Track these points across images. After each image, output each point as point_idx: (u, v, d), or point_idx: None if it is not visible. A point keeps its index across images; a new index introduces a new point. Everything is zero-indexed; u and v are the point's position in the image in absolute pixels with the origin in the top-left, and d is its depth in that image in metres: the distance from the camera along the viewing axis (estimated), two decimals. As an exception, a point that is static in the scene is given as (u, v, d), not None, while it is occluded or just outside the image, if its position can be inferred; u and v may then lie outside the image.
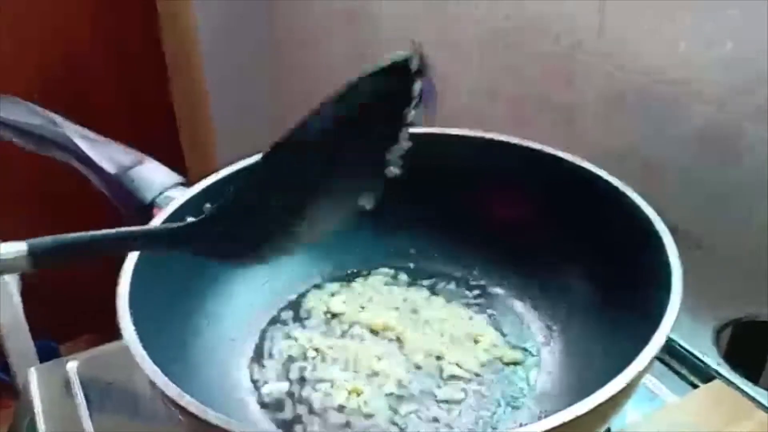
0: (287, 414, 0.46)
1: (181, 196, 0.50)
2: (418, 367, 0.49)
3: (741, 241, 0.57)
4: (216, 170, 0.52)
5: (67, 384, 0.53)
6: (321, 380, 0.49)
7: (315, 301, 0.55)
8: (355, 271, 0.58)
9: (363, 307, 0.54)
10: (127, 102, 1.35)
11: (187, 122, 1.37)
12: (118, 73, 1.34)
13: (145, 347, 0.38)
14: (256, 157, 0.53)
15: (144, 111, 1.35)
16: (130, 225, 0.50)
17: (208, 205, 0.50)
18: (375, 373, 0.49)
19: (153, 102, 1.37)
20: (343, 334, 0.52)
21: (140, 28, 1.31)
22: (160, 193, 0.52)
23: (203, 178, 0.52)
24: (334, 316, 0.54)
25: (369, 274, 0.57)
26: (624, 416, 0.45)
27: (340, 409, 0.46)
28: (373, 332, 0.52)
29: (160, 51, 1.33)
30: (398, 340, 0.52)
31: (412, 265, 0.58)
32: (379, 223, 0.58)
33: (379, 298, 0.55)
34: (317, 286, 0.56)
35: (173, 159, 0.58)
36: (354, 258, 0.58)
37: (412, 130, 0.58)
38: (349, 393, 0.47)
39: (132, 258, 0.44)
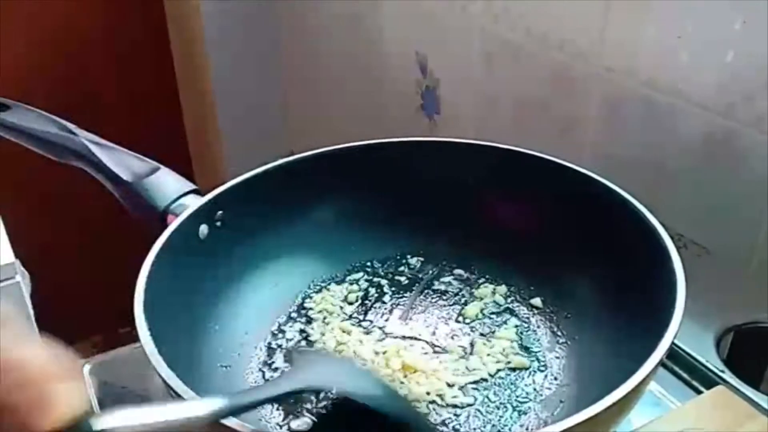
0: (300, 414, 0.47)
1: (194, 203, 0.51)
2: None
3: (745, 248, 0.58)
4: (224, 177, 0.53)
5: (81, 387, 0.54)
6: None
7: (323, 302, 0.56)
8: (361, 274, 0.59)
9: (368, 309, 0.55)
10: (135, 109, 1.35)
11: (195, 129, 1.38)
12: (125, 80, 1.34)
13: (160, 352, 0.39)
14: (266, 166, 0.55)
15: (152, 118, 1.35)
16: (144, 229, 0.51)
17: (220, 212, 0.52)
18: (386, 375, 0.49)
19: (161, 109, 1.37)
20: (352, 334, 0.53)
21: (148, 33, 1.31)
22: (174, 201, 0.52)
23: (211, 185, 0.53)
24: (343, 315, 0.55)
25: (374, 276, 0.58)
26: (629, 422, 0.46)
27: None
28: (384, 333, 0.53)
29: (168, 57, 1.33)
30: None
31: (417, 270, 0.59)
32: (386, 229, 0.59)
33: (384, 299, 0.56)
34: (326, 288, 0.57)
35: (181, 166, 0.59)
36: (361, 262, 0.59)
37: (417, 139, 0.59)
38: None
39: (147, 265, 0.45)
